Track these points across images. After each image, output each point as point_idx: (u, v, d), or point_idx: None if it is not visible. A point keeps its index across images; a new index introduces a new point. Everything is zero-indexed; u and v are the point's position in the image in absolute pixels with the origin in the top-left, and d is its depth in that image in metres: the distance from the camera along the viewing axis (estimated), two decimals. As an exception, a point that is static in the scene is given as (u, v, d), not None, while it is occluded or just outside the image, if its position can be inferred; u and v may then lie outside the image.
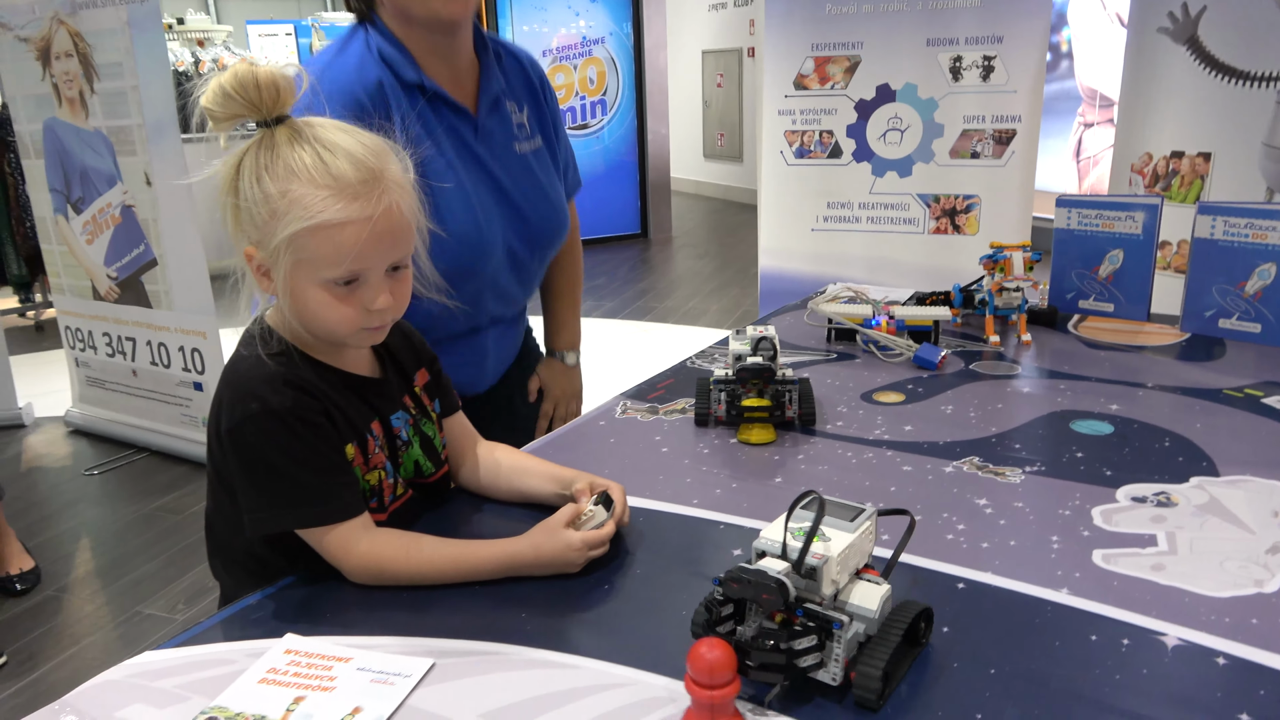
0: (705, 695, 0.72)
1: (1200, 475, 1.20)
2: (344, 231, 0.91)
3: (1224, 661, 0.84)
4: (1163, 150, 2.83)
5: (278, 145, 0.93)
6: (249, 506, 0.97)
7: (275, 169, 0.92)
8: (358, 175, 0.92)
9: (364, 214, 0.92)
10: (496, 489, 1.19)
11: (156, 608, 2.52)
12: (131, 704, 0.83)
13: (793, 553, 0.80)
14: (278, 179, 0.92)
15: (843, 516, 0.85)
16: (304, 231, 0.91)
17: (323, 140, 0.93)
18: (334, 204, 0.91)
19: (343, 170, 0.92)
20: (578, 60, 6.91)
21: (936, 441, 1.33)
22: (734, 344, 1.43)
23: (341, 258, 0.92)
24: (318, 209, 0.91)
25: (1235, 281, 1.73)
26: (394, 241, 0.96)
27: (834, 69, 3.32)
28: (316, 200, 0.91)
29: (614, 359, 4.48)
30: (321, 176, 0.91)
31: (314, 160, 0.92)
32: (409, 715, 0.80)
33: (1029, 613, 0.92)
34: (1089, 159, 6.20)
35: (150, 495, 3.23)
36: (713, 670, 0.71)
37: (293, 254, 0.93)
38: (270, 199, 0.92)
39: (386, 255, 0.96)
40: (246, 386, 0.96)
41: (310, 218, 0.91)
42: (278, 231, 0.92)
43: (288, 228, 0.91)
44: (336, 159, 0.92)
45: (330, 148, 0.93)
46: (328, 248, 0.92)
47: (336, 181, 0.91)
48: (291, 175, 0.91)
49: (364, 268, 0.95)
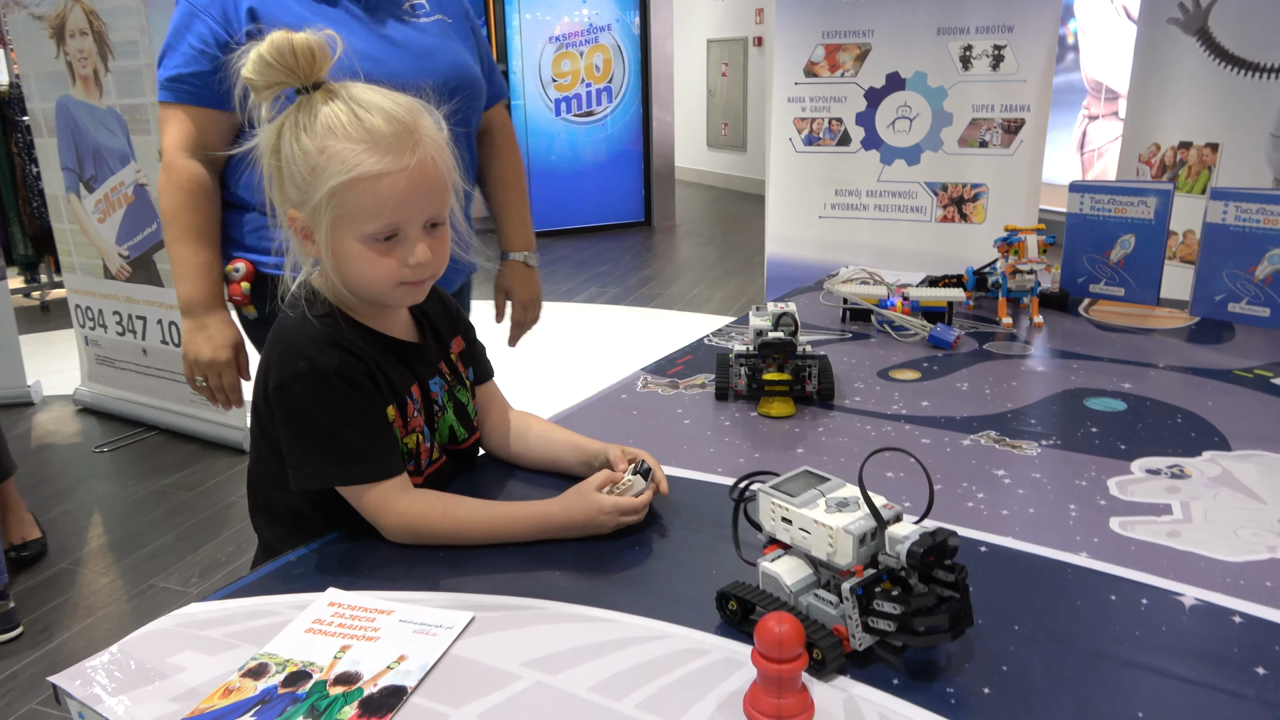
0: (774, 669, 0.72)
1: (1212, 450, 1.23)
2: (381, 183, 0.94)
3: (1240, 620, 0.87)
4: (1171, 141, 2.86)
5: (315, 106, 0.96)
6: (294, 463, 1.00)
7: (314, 128, 0.95)
8: (392, 129, 0.95)
9: (399, 165, 0.94)
10: (525, 457, 1.22)
11: (171, 581, 2.54)
12: (182, 651, 0.85)
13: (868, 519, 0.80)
14: (316, 136, 0.95)
15: (828, 489, 0.86)
16: (342, 185, 0.94)
17: (357, 99, 0.96)
18: (370, 157, 0.94)
19: (377, 125, 0.95)
20: (584, 47, 6.91)
21: (953, 416, 1.36)
22: (755, 319, 1.46)
23: (380, 209, 0.95)
24: (354, 162, 0.94)
25: (1245, 266, 1.75)
26: (429, 193, 0.98)
27: (844, 56, 3.33)
28: (353, 154, 0.94)
29: (620, 344, 4.51)
30: (357, 131, 0.94)
31: (349, 117, 0.95)
32: (452, 664, 0.83)
33: (1050, 574, 0.95)
34: (1094, 151, 6.22)
35: (161, 472, 3.26)
36: (782, 644, 0.72)
37: (333, 210, 0.96)
38: (309, 156, 0.95)
39: (423, 208, 0.98)
40: (294, 346, 0.99)
41: (348, 171, 0.94)
42: (317, 188, 0.95)
43: (327, 182, 0.94)
44: (371, 115, 0.95)
45: (365, 105, 0.96)
46: (366, 200, 0.95)
47: (371, 135, 0.94)
48: (329, 132, 0.95)
49: (402, 220, 0.97)
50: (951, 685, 0.78)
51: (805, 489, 0.86)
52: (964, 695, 0.77)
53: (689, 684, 0.79)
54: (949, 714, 0.75)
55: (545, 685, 0.79)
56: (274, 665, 0.82)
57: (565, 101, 6.97)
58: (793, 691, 0.74)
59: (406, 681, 0.80)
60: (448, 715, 0.76)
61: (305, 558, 1.01)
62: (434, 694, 0.79)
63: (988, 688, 0.78)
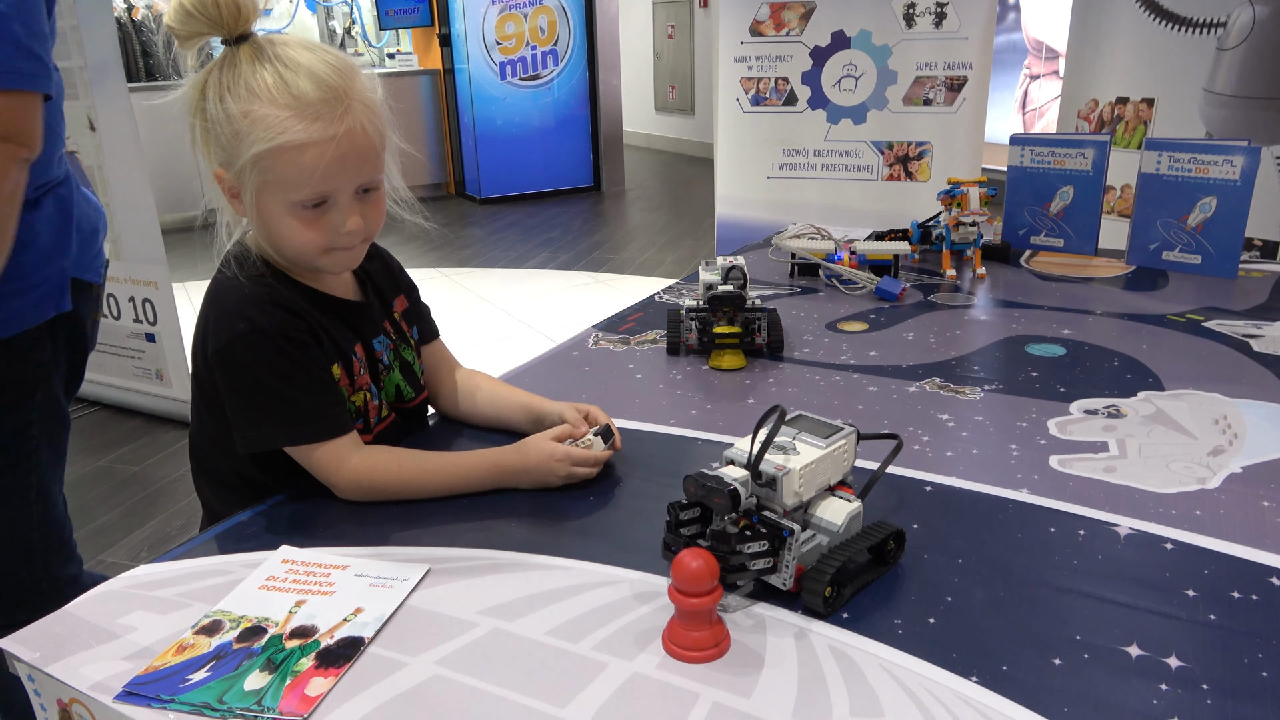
0: (688, 603, 0.75)
1: (1147, 390, 1.27)
2: (306, 153, 0.91)
3: (1171, 547, 0.90)
4: (1108, 96, 2.91)
5: (240, 64, 0.92)
6: (239, 426, 0.98)
7: (237, 89, 0.91)
8: (319, 95, 0.91)
9: (326, 134, 0.91)
10: (474, 416, 1.21)
11: (119, 556, 2.50)
12: (133, 611, 0.84)
13: (763, 464, 0.84)
14: (239, 99, 0.91)
15: (818, 434, 0.88)
16: (266, 153, 0.91)
17: (284, 59, 0.92)
18: (295, 124, 0.90)
19: (304, 90, 0.90)
20: (528, 9, 6.80)
21: (900, 365, 1.39)
22: (704, 274, 1.46)
23: (305, 179, 0.92)
24: (279, 130, 0.90)
25: (1178, 215, 1.80)
26: (360, 162, 0.95)
27: (789, 15, 3.33)
28: (278, 121, 0.90)
29: (572, 308, 4.50)
30: (282, 96, 0.90)
31: (275, 80, 0.91)
32: (410, 615, 0.83)
33: (992, 510, 0.98)
34: (1034, 110, 6.31)
35: (105, 449, 3.19)
36: (696, 578, 0.75)
37: (258, 175, 0.92)
38: (233, 119, 0.91)
39: (353, 176, 0.95)
40: (233, 307, 0.97)
41: (272, 139, 0.90)
42: (242, 153, 0.91)
43: (251, 149, 0.91)
44: (298, 78, 0.91)
45: (292, 66, 0.91)
46: (291, 169, 0.91)
47: (297, 101, 0.90)
48: (253, 95, 0.90)
49: (330, 189, 0.94)
50: (899, 617, 0.81)
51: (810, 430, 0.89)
52: (911, 626, 0.80)
53: (644, 626, 0.80)
54: (897, 644, 0.77)
55: (503, 631, 0.80)
56: (228, 622, 0.82)
57: (510, 65, 6.86)
58: (706, 624, 0.77)
59: (364, 633, 0.80)
60: (406, 663, 0.76)
61: (255, 518, 1.00)
62: (392, 644, 0.79)
63: (933, 618, 0.81)
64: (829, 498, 0.88)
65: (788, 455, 0.85)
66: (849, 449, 0.89)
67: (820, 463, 0.86)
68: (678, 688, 0.73)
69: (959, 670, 0.74)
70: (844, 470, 0.90)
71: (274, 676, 0.75)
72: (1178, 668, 0.74)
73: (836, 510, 0.86)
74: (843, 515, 0.86)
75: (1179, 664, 0.74)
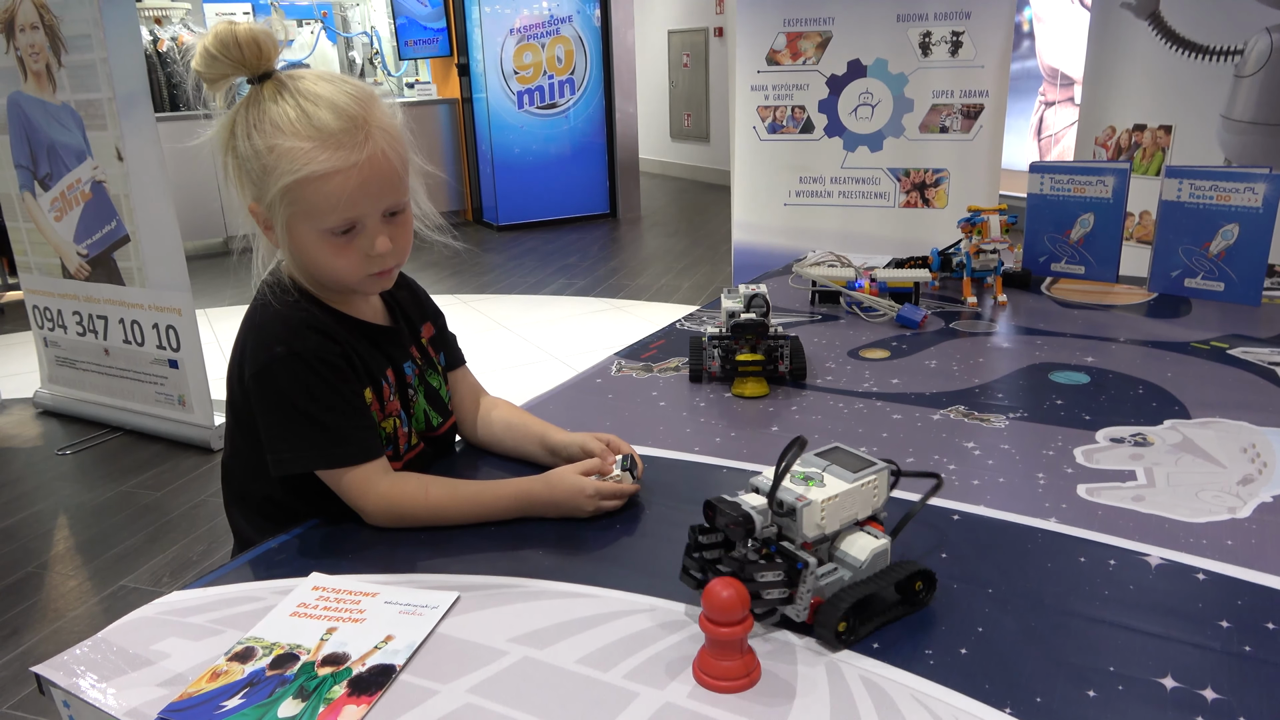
0: (719, 633, 0.75)
1: (1173, 418, 1.27)
2: (330, 181, 0.94)
3: (1203, 577, 0.90)
4: (1125, 123, 2.92)
5: (264, 101, 0.95)
6: (272, 448, 0.99)
7: (263, 125, 0.94)
8: (340, 124, 0.94)
9: (349, 162, 0.94)
10: (493, 444, 1.22)
11: (141, 581, 2.51)
12: (166, 638, 0.85)
13: (784, 493, 0.83)
14: (265, 134, 0.94)
15: (849, 466, 0.87)
16: (293, 184, 0.94)
17: (304, 92, 0.95)
18: (319, 155, 0.93)
19: (325, 120, 0.94)
20: (545, 39, 6.88)
21: (923, 393, 1.39)
22: (727, 302, 1.47)
23: (332, 207, 0.95)
24: (303, 161, 0.93)
25: (1200, 242, 1.80)
26: (383, 186, 0.97)
27: (805, 44, 3.36)
28: (302, 152, 0.93)
29: (591, 335, 4.51)
30: (305, 128, 0.93)
31: (297, 113, 0.94)
32: (440, 642, 0.84)
33: (1021, 539, 0.98)
34: (1050, 137, 6.32)
35: (127, 474, 3.21)
36: (727, 608, 0.74)
37: (287, 206, 0.96)
38: (260, 154, 0.94)
39: (378, 201, 0.98)
40: (270, 331, 0.99)
41: (297, 170, 0.93)
42: (271, 186, 0.95)
43: (278, 181, 0.94)
44: (319, 109, 0.94)
45: (312, 99, 0.95)
46: (318, 198, 0.94)
47: (319, 132, 0.93)
48: (277, 130, 0.94)
49: (358, 215, 0.97)
50: (930, 647, 0.81)
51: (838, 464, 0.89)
52: (942, 656, 0.79)
53: (674, 655, 0.80)
54: (929, 674, 0.77)
55: (533, 659, 0.80)
56: (261, 649, 0.83)
57: (528, 94, 6.94)
58: (737, 654, 0.76)
59: (395, 660, 0.80)
60: (438, 690, 0.77)
61: (286, 544, 1.01)
62: (423, 671, 0.79)
63: (964, 648, 0.80)
64: (856, 532, 0.87)
65: (813, 486, 0.84)
66: (880, 485, 0.88)
67: (846, 496, 0.85)
68: (710, 718, 0.73)
69: (992, 702, 0.74)
70: (874, 506, 0.89)
71: (307, 704, 0.75)
72: (1214, 700, 0.73)
73: (861, 546, 0.85)
74: (866, 551, 0.85)
75: (1215, 696, 0.74)
